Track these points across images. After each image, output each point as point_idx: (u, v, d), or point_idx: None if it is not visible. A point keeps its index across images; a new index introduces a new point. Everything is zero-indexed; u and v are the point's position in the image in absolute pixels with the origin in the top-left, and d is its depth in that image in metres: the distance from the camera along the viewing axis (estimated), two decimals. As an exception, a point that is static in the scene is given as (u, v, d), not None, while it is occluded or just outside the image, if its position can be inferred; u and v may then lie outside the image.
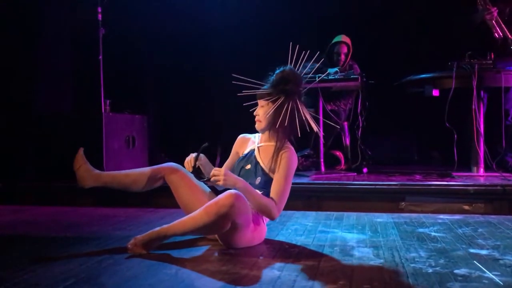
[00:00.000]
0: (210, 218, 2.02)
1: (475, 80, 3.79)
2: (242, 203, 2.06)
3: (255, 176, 2.33)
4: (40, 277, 1.82)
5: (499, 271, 1.82)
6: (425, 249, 2.19)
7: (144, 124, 4.60)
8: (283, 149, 2.30)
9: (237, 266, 1.93)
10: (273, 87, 2.30)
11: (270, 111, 2.28)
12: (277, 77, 2.31)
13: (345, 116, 4.58)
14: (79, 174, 2.36)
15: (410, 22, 5.09)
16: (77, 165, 2.37)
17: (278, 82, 2.29)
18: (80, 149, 2.41)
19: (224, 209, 2.00)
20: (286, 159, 2.27)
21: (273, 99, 2.28)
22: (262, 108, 2.34)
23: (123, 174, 2.44)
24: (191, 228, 2.09)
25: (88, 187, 2.38)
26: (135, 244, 2.13)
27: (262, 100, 2.33)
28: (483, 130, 3.93)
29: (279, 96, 2.27)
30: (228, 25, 5.34)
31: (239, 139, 2.56)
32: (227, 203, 2.00)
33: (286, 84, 2.28)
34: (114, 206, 3.54)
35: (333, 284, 1.69)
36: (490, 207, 3.18)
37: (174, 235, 2.16)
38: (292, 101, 2.28)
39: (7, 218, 3.21)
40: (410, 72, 4.23)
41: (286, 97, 2.27)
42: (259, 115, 2.35)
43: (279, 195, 2.23)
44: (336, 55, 4.51)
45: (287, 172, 2.27)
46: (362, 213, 3.17)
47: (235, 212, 2.02)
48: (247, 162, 2.40)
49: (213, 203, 2.04)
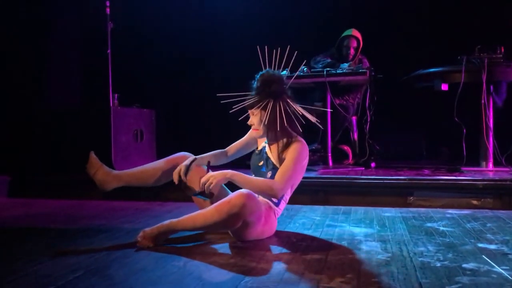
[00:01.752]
0: (221, 217, 2.04)
1: (484, 74, 3.76)
2: (254, 202, 2.07)
3: (267, 171, 2.36)
4: (50, 268, 1.84)
5: (508, 266, 1.82)
6: (433, 244, 2.19)
7: (152, 118, 4.61)
8: (293, 141, 2.30)
9: (246, 259, 1.94)
10: (259, 93, 2.29)
11: (266, 118, 2.27)
12: (259, 83, 2.30)
13: (353, 111, 4.56)
14: (98, 179, 2.35)
15: (419, 16, 5.05)
16: (93, 170, 2.36)
17: (262, 87, 2.29)
18: (91, 152, 2.39)
19: (236, 209, 2.01)
20: (293, 147, 2.28)
21: (263, 105, 2.28)
22: (255, 116, 2.33)
23: (140, 170, 2.44)
24: (201, 225, 2.10)
25: (110, 189, 2.38)
26: (144, 237, 2.15)
27: (253, 109, 2.33)
28: (492, 125, 3.90)
29: (268, 100, 2.27)
30: (237, 19, 5.33)
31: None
32: (239, 203, 2.01)
33: (270, 86, 2.27)
34: (123, 199, 3.56)
35: (341, 277, 1.70)
36: (499, 202, 3.16)
37: (183, 230, 2.18)
38: (281, 101, 2.27)
39: (17, 211, 3.24)
40: (419, 67, 4.20)
41: (275, 99, 2.27)
42: (254, 124, 2.35)
43: (282, 175, 2.22)
44: (345, 49, 4.50)
45: (293, 156, 2.26)
46: (370, 208, 3.17)
47: (246, 211, 2.04)
48: (260, 159, 2.43)
49: (225, 202, 2.05)
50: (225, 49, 5.41)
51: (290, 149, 2.29)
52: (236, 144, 2.58)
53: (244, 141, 2.58)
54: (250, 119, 2.37)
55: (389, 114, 4.81)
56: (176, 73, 5.62)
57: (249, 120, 2.37)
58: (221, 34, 5.48)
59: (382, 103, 4.26)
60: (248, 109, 2.35)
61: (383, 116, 4.45)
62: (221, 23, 5.44)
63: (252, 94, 2.31)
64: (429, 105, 4.90)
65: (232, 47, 5.34)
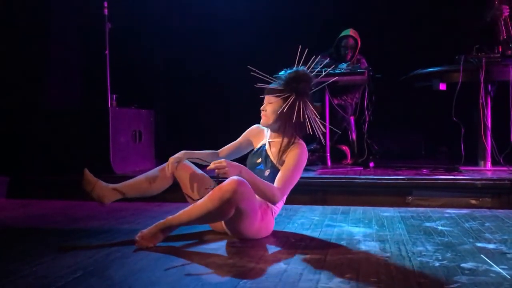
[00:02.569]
0: (214, 204, 2.02)
1: (482, 73, 3.77)
2: (246, 189, 2.06)
3: (265, 169, 2.36)
4: (48, 269, 1.84)
5: (506, 265, 1.82)
6: (432, 243, 2.19)
7: (150, 118, 4.61)
8: (294, 144, 2.31)
9: (244, 259, 1.94)
10: (286, 85, 2.29)
11: (283, 108, 2.27)
12: (290, 75, 2.31)
13: (351, 111, 4.56)
14: (96, 194, 2.35)
15: (417, 16, 5.06)
16: (90, 187, 2.35)
17: (291, 80, 2.29)
18: (85, 170, 2.38)
19: (228, 194, 2.00)
20: (295, 151, 2.28)
21: (284, 96, 2.28)
22: (270, 104, 2.33)
23: (138, 181, 2.45)
24: (196, 216, 2.09)
25: (109, 203, 2.39)
26: (142, 237, 2.15)
27: (271, 96, 2.32)
28: (491, 124, 3.90)
29: (290, 94, 2.27)
30: (236, 20, 5.33)
31: (255, 128, 2.56)
32: (230, 188, 2.00)
33: (299, 83, 2.28)
34: (121, 200, 3.55)
35: (340, 277, 1.70)
36: (497, 201, 3.16)
37: (180, 225, 2.17)
38: (301, 101, 2.28)
39: (15, 211, 3.24)
40: (417, 66, 4.21)
41: (297, 95, 2.27)
42: (266, 110, 2.35)
43: (282, 180, 2.23)
44: (343, 49, 4.50)
45: (294, 162, 2.26)
46: (369, 208, 3.17)
47: (238, 197, 2.02)
48: (258, 156, 2.42)
49: (216, 189, 2.05)
50: (224, 49, 5.41)
51: (291, 153, 2.28)
52: (228, 147, 2.58)
53: (237, 143, 2.57)
54: (264, 105, 2.36)
55: (388, 114, 4.82)
56: (175, 73, 5.62)
57: (263, 105, 2.36)
58: (220, 34, 5.48)
59: (380, 103, 4.27)
60: (267, 94, 2.35)
61: (381, 116, 4.46)
62: (221, 23, 5.44)
63: (280, 83, 2.32)
64: (427, 105, 4.91)
65: (231, 47, 5.34)
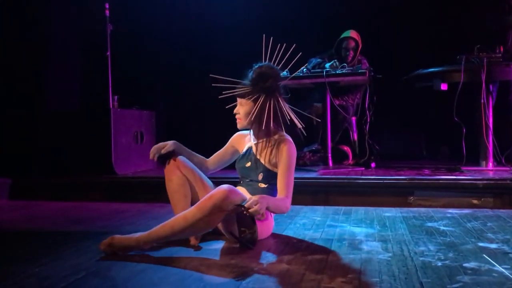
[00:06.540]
0: (203, 213, 1.96)
1: (484, 73, 3.76)
2: (238, 197, 2.04)
3: (257, 172, 2.33)
4: (51, 270, 1.84)
5: (509, 265, 1.82)
6: (434, 243, 2.19)
7: (152, 119, 4.61)
8: (281, 141, 2.29)
9: (246, 260, 1.94)
10: (253, 86, 2.25)
11: (255, 111, 2.23)
12: (255, 74, 2.26)
13: (353, 111, 4.56)
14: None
15: (418, 16, 5.06)
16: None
17: (257, 80, 2.25)
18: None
19: (218, 202, 1.96)
20: (286, 152, 2.26)
21: (254, 98, 2.25)
22: (242, 106, 2.30)
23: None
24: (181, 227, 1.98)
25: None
26: (109, 245, 2.02)
27: (243, 99, 2.29)
28: (492, 124, 3.90)
29: (260, 94, 2.24)
30: (237, 20, 5.33)
31: (237, 135, 2.55)
32: (221, 196, 1.97)
33: (266, 81, 2.24)
34: (123, 201, 3.57)
35: (342, 277, 1.70)
36: (499, 201, 3.16)
37: (158, 240, 2.04)
38: (273, 98, 2.24)
39: (17, 213, 3.24)
40: (418, 66, 4.20)
41: (267, 94, 2.23)
42: (239, 113, 2.32)
43: (287, 188, 2.24)
44: (344, 50, 4.49)
45: (289, 164, 2.26)
46: (371, 208, 3.17)
47: (228, 205, 1.99)
48: (247, 160, 2.39)
49: (206, 199, 2.00)
50: (225, 51, 5.41)
51: (281, 153, 2.26)
52: (215, 157, 2.55)
53: (222, 152, 2.55)
54: (237, 108, 2.33)
55: (389, 114, 4.81)
56: (176, 74, 5.62)
57: (235, 108, 2.34)
58: (221, 36, 5.48)
59: (381, 103, 4.26)
60: (237, 97, 2.31)
61: (383, 116, 4.45)
62: (221, 24, 5.44)
63: (246, 84, 2.27)
64: (428, 105, 4.90)
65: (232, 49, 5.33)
